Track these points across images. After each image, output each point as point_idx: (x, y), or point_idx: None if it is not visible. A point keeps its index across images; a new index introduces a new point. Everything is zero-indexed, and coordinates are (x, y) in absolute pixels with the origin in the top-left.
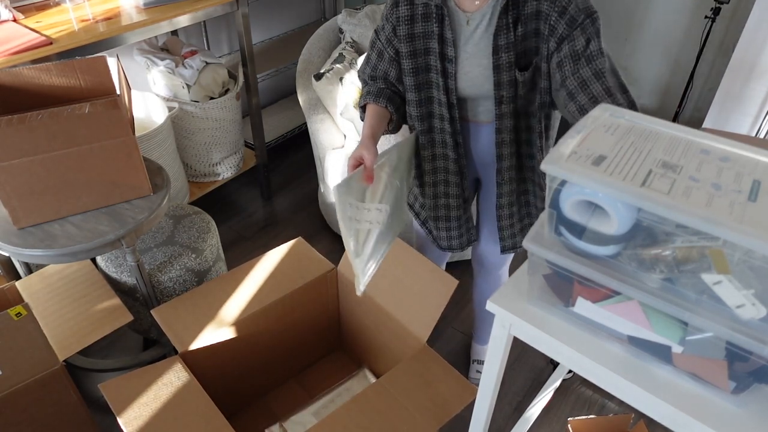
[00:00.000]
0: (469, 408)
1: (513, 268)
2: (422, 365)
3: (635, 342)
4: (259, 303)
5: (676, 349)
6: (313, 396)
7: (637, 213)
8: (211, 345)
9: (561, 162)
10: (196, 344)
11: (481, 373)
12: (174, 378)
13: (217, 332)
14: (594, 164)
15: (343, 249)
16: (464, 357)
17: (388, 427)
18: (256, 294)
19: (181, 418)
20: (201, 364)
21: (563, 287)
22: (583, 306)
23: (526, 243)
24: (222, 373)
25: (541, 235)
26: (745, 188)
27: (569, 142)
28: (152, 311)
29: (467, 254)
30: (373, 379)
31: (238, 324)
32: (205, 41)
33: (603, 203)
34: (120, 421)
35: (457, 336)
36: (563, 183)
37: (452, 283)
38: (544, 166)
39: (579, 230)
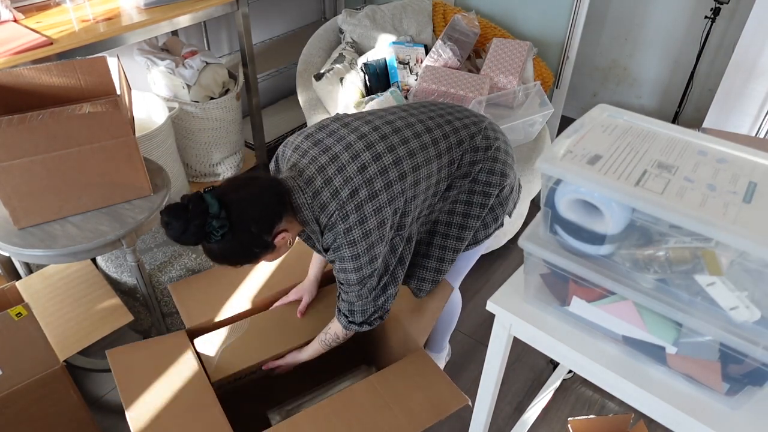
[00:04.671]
0: (467, 410)
1: (513, 269)
2: (415, 368)
3: (630, 342)
4: (269, 289)
5: (670, 349)
6: (315, 386)
7: (631, 213)
8: (218, 323)
9: (555, 161)
10: (205, 322)
11: None
12: (177, 352)
13: (226, 313)
14: (589, 163)
15: None
16: (464, 358)
17: (370, 424)
18: (268, 280)
19: (176, 391)
20: None
21: (559, 286)
22: (578, 305)
23: (522, 242)
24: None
25: (537, 233)
26: (741, 189)
27: (564, 142)
28: (169, 286)
29: None
30: None
31: (248, 308)
32: (205, 41)
33: (597, 202)
34: (118, 386)
35: (457, 336)
36: (558, 182)
37: (448, 288)
38: (539, 164)
39: (574, 229)
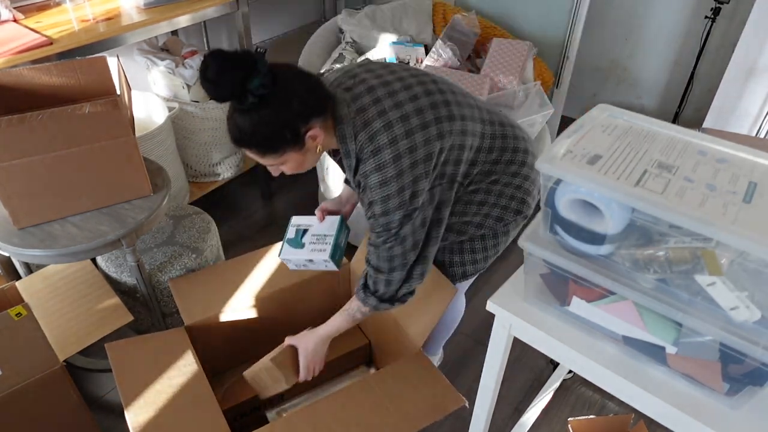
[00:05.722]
0: (467, 410)
1: (513, 269)
2: (412, 369)
3: (630, 342)
4: (269, 288)
5: (670, 349)
6: (311, 385)
7: (631, 213)
8: (217, 323)
9: (555, 161)
10: (203, 319)
11: None
12: (176, 348)
13: (226, 311)
14: (589, 163)
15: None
16: (464, 358)
17: (366, 424)
18: (269, 279)
19: (175, 388)
20: (205, 338)
21: (559, 286)
22: (578, 305)
23: (522, 241)
24: (225, 352)
25: (537, 233)
26: (741, 189)
27: (564, 142)
28: (169, 282)
29: None
30: None
31: (248, 306)
32: (205, 41)
33: (597, 202)
34: (117, 380)
35: (457, 337)
36: (558, 182)
37: (450, 291)
38: (539, 165)
39: (574, 229)
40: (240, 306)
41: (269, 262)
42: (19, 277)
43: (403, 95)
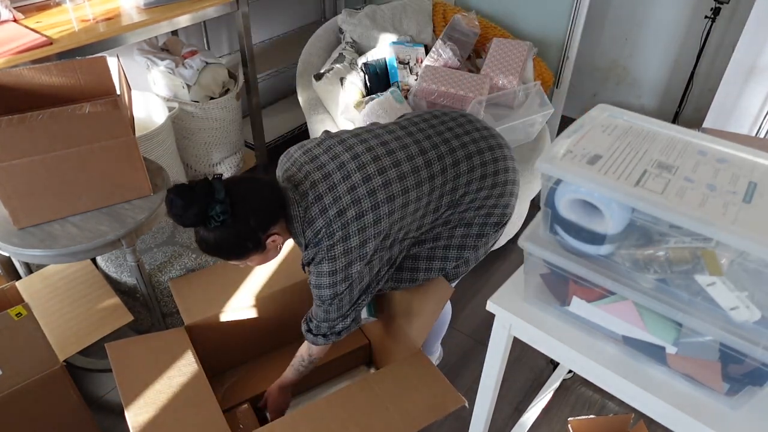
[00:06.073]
0: (467, 410)
1: (513, 269)
2: (412, 369)
3: (630, 342)
4: (269, 288)
5: (670, 349)
6: (311, 385)
7: (631, 213)
8: (217, 323)
9: (555, 161)
10: (203, 319)
11: None
12: (176, 348)
13: (225, 312)
14: (589, 163)
15: None
16: (464, 358)
17: (366, 423)
18: (268, 279)
19: (175, 388)
20: (204, 338)
21: (560, 286)
22: (578, 305)
23: (522, 242)
24: (225, 352)
25: (537, 233)
26: (741, 189)
27: (564, 142)
28: (169, 282)
29: None
30: None
31: (248, 306)
32: (205, 41)
33: (597, 202)
34: (117, 380)
35: (457, 337)
36: (558, 182)
37: (447, 290)
38: (539, 164)
39: (574, 229)
40: (240, 306)
41: (269, 262)
42: (19, 277)
43: (342, 188)
